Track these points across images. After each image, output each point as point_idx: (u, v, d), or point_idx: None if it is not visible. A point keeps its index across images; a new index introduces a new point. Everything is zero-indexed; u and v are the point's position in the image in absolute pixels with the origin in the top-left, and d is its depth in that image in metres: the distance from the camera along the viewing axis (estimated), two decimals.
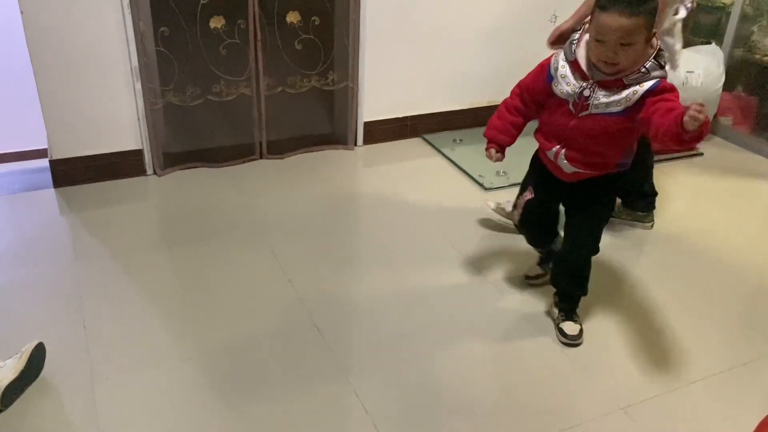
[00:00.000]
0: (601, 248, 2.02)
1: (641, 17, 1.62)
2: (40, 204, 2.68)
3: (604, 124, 1.78)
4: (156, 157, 2.88)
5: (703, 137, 1.62)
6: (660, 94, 1.70)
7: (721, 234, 2.65)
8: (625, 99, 1.73)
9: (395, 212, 2.71)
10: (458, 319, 2.10)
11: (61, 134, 2.71)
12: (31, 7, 2.47)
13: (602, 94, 1.75)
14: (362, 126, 3.24)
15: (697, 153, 3.34)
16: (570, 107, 1.81)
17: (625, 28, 1.62)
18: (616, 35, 1.63)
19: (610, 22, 1.63)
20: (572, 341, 2.00)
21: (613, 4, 1.62)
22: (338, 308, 2.12)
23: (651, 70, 1.70)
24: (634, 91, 1.71)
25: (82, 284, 2.18)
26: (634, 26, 1.62)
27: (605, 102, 1.75)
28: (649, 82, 1.70)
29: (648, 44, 1.69)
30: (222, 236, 2.48)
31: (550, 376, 1.89)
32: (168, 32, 2.72)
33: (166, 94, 2.84)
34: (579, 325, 2.03)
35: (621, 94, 1.73)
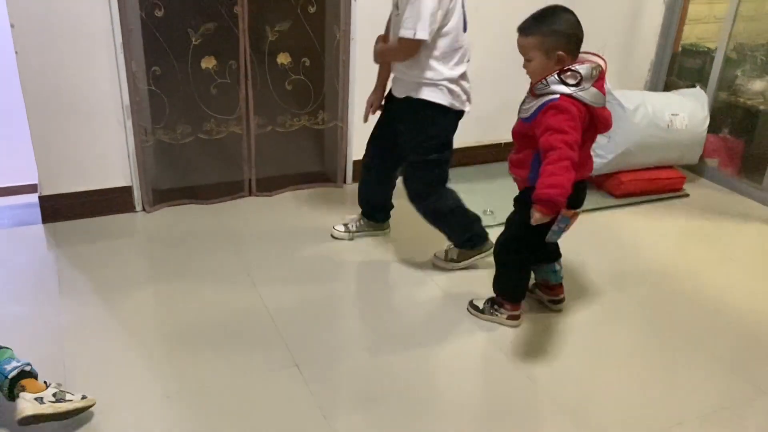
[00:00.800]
0: (582, 287, 2.02)
1: (533, 37, 1.94)
2: (28, 239, 2.70)
3: (518, 127, 2.07)
4: (145, 194, 2.90)
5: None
6: (549, 110, 1.90)
7: (707, 275, 2.66)
8: (531, 107, 1.97)
9: (382, 249, 2.72)
10: (442, 364, 2.10)
11: (51, 170, 2.73)
12: (26, 47, 2.52)
13: (527, 100, 2.02)
14: (351, 164, 3.27)
15: (683, 194, 3.38)
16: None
17: (522, 46, 1.98)
18: (521, 51, 1.99)
19: (517, 41, 2.00)
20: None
21: (518, 28, 1.99)
22: (321, 347, 2.12)
23: (551, 84, 1.91)
24: (537, 102, 1.95)
25: (64, 321, 2.18)
26: (527, 44, 1.95)
27: (524, 107, 2.03)
28: (549, 96, 1.91)
29: (551, 60, 1.92)
30: (207, 273, 2.49)
31: (531, 416, 1.88)
32: (160, 72, 2.77)
33: (156, 132, 2.87)
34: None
35: (531, 103, 1.98)
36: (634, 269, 2.68)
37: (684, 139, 3.30)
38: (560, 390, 1.99)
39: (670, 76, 3.82)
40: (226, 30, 2.80)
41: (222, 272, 2.49)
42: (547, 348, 2.19)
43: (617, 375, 2.08)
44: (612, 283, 2.57)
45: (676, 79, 3.80)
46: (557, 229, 2.03)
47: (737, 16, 3.39)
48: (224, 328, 2.19)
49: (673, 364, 2.13)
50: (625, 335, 2.28)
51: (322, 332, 2.20)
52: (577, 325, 2.30)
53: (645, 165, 3.29)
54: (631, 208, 3.20)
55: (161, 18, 2.69)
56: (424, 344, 2.16)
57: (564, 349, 2.19)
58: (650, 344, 2.23)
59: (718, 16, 3.81)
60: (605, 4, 3.52)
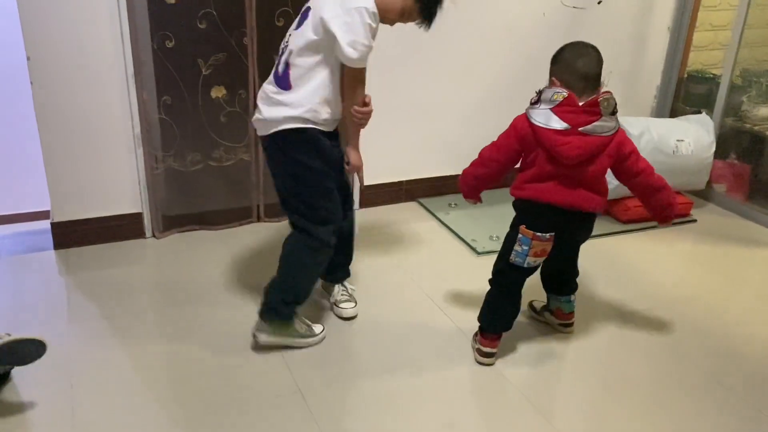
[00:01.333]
0: (590, 313, 2.01)
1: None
2: (40, 266, 2.74)
3: None
4: (155, 220, 2.94)
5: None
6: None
7: (715, 302, 2.65)
8: None
9: (387, 276, 2.73)
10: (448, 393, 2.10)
11: (63, 197, 2.79)
12: (41, 78, 2.59)
13: None
14: (358, 190, 3.31)
15: (690, 219, 3.37)
16: None
17: None
18: None
19: None
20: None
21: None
22: (326, 374, 2.13)
23: (538, 95, 2.03)
24: None
25: (72, 347, 2.20)
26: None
27: None
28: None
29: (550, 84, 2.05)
30: (215, 299, 2.51)
31: None
32: (170, 101, 2.83)
33: (167, 159, 2.92)
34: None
35: None
36: (642, 295, 2.67)
37: (690, 164, 3.31)
38: (567, 420, 1.98)
39: (676, 102, 3.84)
40: (235, 60, 2.86)
41: (231, 298, 2.52)
42: (553, 376, 2.18)
43: (625, 404, 2.06)
44: (619, 309, 2.56)
45: (682, 105, 3.82)
46: (520, 250, 2.06)
47: (742, 43, 3.41)
48: (233, 355, 2.20)
49: (682, 394, 2.11)
50: (632, 363, 2.26)
51: (326, 357, 2.21)
52: (583, 352, 2.29)
53: None
54: (638, 234, 3.20)
55: (172, 49, 2.76)
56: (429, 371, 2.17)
57: (570, 377, 2.18)
58: (659, 372, 2.22)
59: (722, 42, 3.83)
60: (610, 32, 3.56)
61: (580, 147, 1.96)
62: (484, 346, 2.18)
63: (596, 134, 1.98)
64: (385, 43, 3.06)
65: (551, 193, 2.02)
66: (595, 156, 2.00)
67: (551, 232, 2.04)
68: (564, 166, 1.99)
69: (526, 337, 2.34)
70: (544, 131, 1.98)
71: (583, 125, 1.96)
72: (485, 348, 2.18)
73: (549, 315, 2.39)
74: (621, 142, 2.04)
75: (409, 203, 3.43)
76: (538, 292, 2.37)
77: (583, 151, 1.97)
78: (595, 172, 2.03)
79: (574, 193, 2.02)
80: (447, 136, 3.41)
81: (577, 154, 1.96)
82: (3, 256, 2.81)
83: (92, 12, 2.57)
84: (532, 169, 2.04)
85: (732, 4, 3.74)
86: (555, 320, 2.38)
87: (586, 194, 2.04)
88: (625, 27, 3.60)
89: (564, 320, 2.36)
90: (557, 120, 1.96)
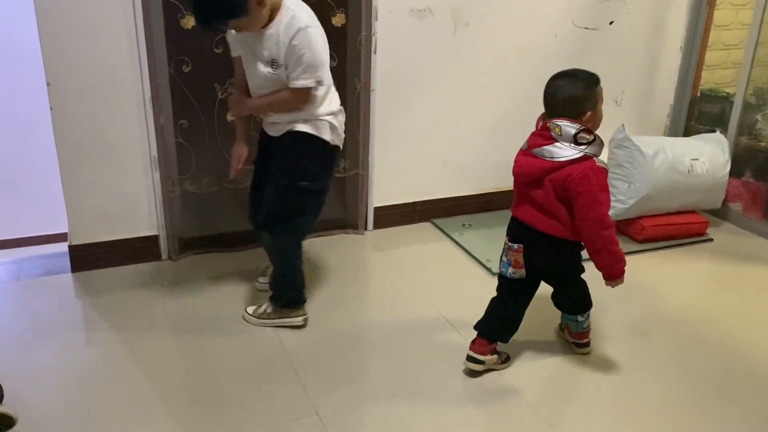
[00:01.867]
0: (606, 333, 1.98)
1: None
2: (57, 289, 2.76)
3: None
4: (171, 243, 2.96)
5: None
6: None
7: (733, 322, 2.62)
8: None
9: (403, 297, 2.73)
10: (463, 411, 2.08)
11: (81, 220, 2.82)
12: (60, 103, 2.63)
13: None
14: (372, 211, 3.32)
15: (707, 239, 3.35)
16: None
17: None
18: None
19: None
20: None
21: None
22: (342, 393, 2.12)
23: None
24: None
25: (89, 370, 2.21)
26: None
27: None
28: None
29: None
30: (229, 322, 2.51)
31: None
32: (187, 124, 2.87)
33: (183, 182, 2.95)
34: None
35: None
36: (659, 315, 2.65)
37: (705, 183, 3.29)
38: None
39: (689, 122, 3.84)
40: None
41: (247, 324, 2.52)
42: (569, 395, 2.17)
43: (641, 425, 2.04)
44: (636, 329, 2.54)
45: (695, 124, 3.81)
46: (505, 260, 2.20)
47: (754, 61, 3.41)
48: (247, 378, 2.20)
49: (698, 413, 2.09)
50: (650, 384, 2.24)
51: (342, 377, 2.20)
52: (601, 372, 2.28)
53: (667, 210, 3.28)
54: (653, 254, 3.18)
55: (188, 73, 2.80)
56: (447, 392, 2.15)
57: (586, 396, 2.16)
58: (676, 393, 2.19)
59: (735, 61, 3.84)
60: (623, 52, 3.58)
61: (522, 166, 2.09)
62: (472, 350, 2.22)
63: (542, 157, 2.03)
64: (399, 65, 3.12)
65: (515, 208, 2.17)
66: (541, 179, 2.04)
67: (519, 243, 2.13)
68: (518, 183, 2.12)
69: (545, 355, 2.33)
70: (522, 156, 2.14)
71: (534, 147, 2.06)
72: (471, 352, 2.22)
73: (567, 333, 2.40)
74: (571, 175, 1.98)
75: (423, 224, 3.44)
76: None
77: (521, 169, 2.09)
78: (542, 196, 2.05)
79: (528, 210, 2.10)
80: (461, 157, 3.43)
81: (517, 171, 2.10)
82: (21, 278, 2.84)
83: (111, 38, 2.62)
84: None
85: (744, 23, 3.76)
86: (570, 339, 2.38)
87: (537, 214, 2.08)
88: (638, 47, 3.62)
89: (575, 339, 2.36)
90: (525, 140, 2.13)
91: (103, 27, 2.60)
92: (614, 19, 3.48)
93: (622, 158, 3.22)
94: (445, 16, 3.14)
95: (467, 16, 3.18)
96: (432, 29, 3.14)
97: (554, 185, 2.02)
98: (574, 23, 3.41)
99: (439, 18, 3.13)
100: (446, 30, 3.17)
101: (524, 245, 2.12)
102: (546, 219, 2.07)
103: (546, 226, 2.07)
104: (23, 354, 2.29)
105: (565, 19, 3.38)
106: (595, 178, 1.98)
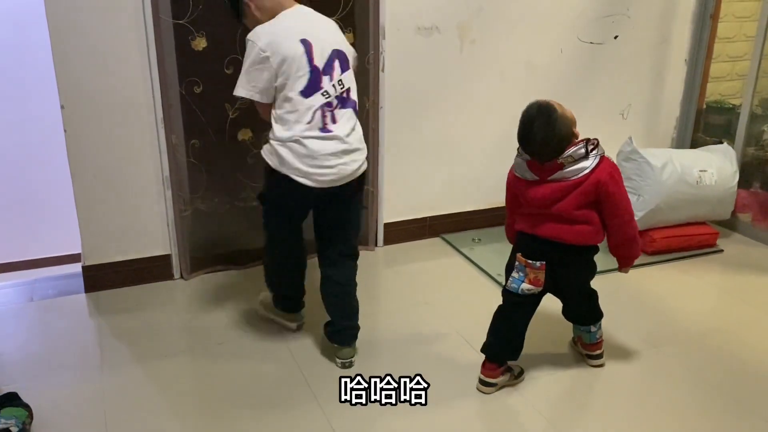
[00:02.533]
0: (618, 346, 1.99)
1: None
2: (71, 309, 2.77)
3: None
4: (183, 262, 2.98)
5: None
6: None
7: (745, 333, 2.61)
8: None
9: (414, 312, 2.74)
10: (478, 426, 2.08)
11: (94, 241, 2.84)
12: (74, 126, 2.66)
13: None
14: (382, 227, 3.33)
15: (717, 250, 3.35)
16: None
17: None
18: None
19: None
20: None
21: None
22: (358, 409, 2.12)
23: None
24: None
25: (105, 390, 2.22)
26: None
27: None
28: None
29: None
30: (244, 339, 2.52)
31: None
32: (198, 144, 2.90)
33: (194, 201, 2.98)
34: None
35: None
36: (670, 327, 2.65)
37: (714, 194, 3.30)
38: None
39: (696, 133, 3.85)
40: None
41: (260, 338, 2.53)
42: (582, 409, 2.16)
43: None
44: (649, 341, 2.54)
45: (702, 135, 3.83)
46: (516, 276, 2.16)
47: (759, 73, 3.43)
48: (262, 396, 2.20)
49: (715, 425, 2.08)
50: (665, 396, 2.23)
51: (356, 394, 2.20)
52: (615, 385, 2.27)
53: (676, 222, 3.29)
54: (664, 265, 3.18)
55: (200, 94, 2.83)
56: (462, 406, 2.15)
57: (604, 411, 2.15)
58: (691, 404, 2.18)
59: (739, 73, 3.86)
60: (628, 66, 3.60)
61: (543, 194, 2.08)
62: (483, 374, 2.21)
63: (564, 180, 2.05)
64: (407, 82, 3.15)
65: (531, 227, 2.14)
66: (565, 195, 2.06)
67: (542, 261, 2.11)
68: (536, 207, 2.11)
69: (558, 369, 2.33)
70: (516, 180, 2.17)
71: (552, 174, 2.06)
72: (483, 376, 2.21)
73: (579, 345, 2.40)
74: (600, 179, 2.03)
75: (433, 239, 3.45)
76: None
77: (544, 198, 2.08)
78: (568, 207, 2.06)
79: (552, 227, 2.10)
80: (470, 172, 3.45)
81: (538, 198, 2.09)
82: (35, 299, 2.85)
83: (123, 61, 2.66)
84: (522, 206, 2.20)
85: (748, 35, 3.79)
86: (582, 351, 2.39)
87: (564, 227, 2.09)
88: (643, 60, 3.64)
89: (588, 350, 2.37)
90: (520, 165, 2.14)
91: (116, 50, 2.64)
92: (619, 33, 3.51)
93: (631, 171, 3.24)
94: (452, 33, 3.18)
95: (473, 33, 3.21)
96: (439, 47, 3.17)
97: (583, 194, 2.05)
98: (579, 38, 3.44)
99: (446, 36, 3.17)
100: (453, 47, 3.20)
101: (548, 261, 2.11)
102: (574, 228, 2.08)
103: (574, 235, 2.09)
104: (38, 375, 2.31)
105: (571, 35, 3.42)
106: (617, 174, 2.08)
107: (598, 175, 2.03)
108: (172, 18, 2.69)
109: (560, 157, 2.02)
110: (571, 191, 2.04)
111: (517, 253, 2.18)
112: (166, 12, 2.67)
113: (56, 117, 2.64)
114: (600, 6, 3.42)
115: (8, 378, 2.27)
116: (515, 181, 2.18)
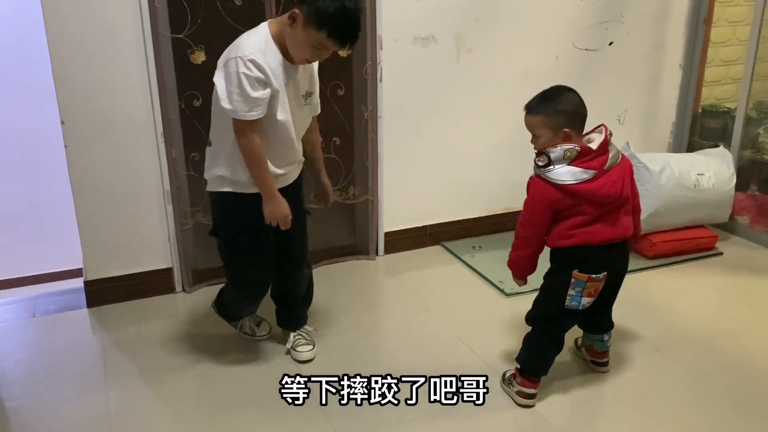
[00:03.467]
0: (621, 350, 1.99)
1: (540, 116, 2.08)
2: (74, 324, 2.77)
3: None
4: (185, 275, 2.98)
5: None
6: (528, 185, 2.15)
7: (746, 336, 2.62)
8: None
9: (416, 320, 2.74)
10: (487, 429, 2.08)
11: (96, 256, 2.84)
12: (74, 141, 2.67)
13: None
14: (383, 236, 3.34)
15: (716, 252, 3.36)
16: None
17: (529, 124, 2.12)
18: (528, 129, 2.12)
19: (524, 119, 2.14)
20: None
21: (526, 107, 2.14)
22: (363, 421, 2.12)
23: (548, 158, 2.04)
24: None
25: (110, 404, 2.22)
26: (534, 122, 2.09)
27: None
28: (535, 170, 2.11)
29: (558, 137, 2.05)
30: (245, 351, 2.52)
31: None
32: (198, 157, 2.90)
33: (195, 214, 2.98)
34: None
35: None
36: (673, 330, 2.65)
37: (712, 197, 3.32)
38: None
39: (692, 137, 3.88)
40: None
41: (263, 349, 2.53)
42: (592, 416, 2.16)
43: None
44: (652, 345, 2.54)
45: (698, 139, 3.85)
46: (574, 293, 2.10)
47: (754, 76, 3.46)
48: (267, 407, 2.20)
49: (720, 427, 2.08)
50: (666, 399, 2.24)
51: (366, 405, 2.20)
52: (621, 389, 2.28)
53: (675, 225, 3.31)
54: (664, 269, 3.19)
55: (199, 107, 2.84)
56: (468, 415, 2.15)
57: (612, 415, 2.16)
58: (695, 407, 2.19)
59: (734, 77, 3.89)
60: (623, 71, 3.63)
61: (613, 184, 2.04)
62: (527, 387, 2.18)
63: (616, 165, 2.08)
64: (405, 92, 3.17)
65: (602, 233, 2.08)
66: (623, 179, 2.10)
67: (604, 272, 2.10)
68: (607, 204, 2.06)
69: (563, 376, 2.33)
70: (577, 186, 2.01)
71: (605, 164, 2.04)
72: (528, 389, 2.18)
73: (585, 351, 2.41)
74: (629, 164, 2.15)
75: (433, 247, 3.46)
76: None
77: (613, 188, 2.04)
78: (629, 195, 2.13)
79: (620, 223, 2.11)
80: (470, 179, 3.46)
81: (613, 193, 2.04)
82: (37, 315, 2.85)
83: (123, 76, 2.67)
84: (576, 218, 2.06)
85: (741, 39, 3.82)
86: (588, 357, 2.39)
87: (628, 218, 2.14)
88: (638, 66, 3.67)
89: (596, 358, 2.37)
90: (582, 171, 2.01)
91: (116, 65, 2.65)
92: (614, 39, 3.54)
93: None
94: (449, 43, 3.20)
95: (470, 42, 3.24)
96: (436, 56, 3.20)
97: (630, 177, 2.13)
98: (575, 45, 3.47)
99: (443, 45, 3.19)
100: (450, 56, 3.23)
101: (609, 268, 2.11)
102: (631, 219, 2.17)
103: (629, 228, 2.15)
104: (42, 391, 2.30)
105: (566, 42, 3.44)
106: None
107: (626, 159, 2.12)
108: (171, 32, 2.71)
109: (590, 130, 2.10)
110: (626, 175, 2.10)
111: (572, 270, 2.08)
112: (164, 26, 2.69)
113: (57, 132, 2.65)
114: (594, 13, 3.45)
115: (12, 394, 2.27)
116: (565, 194, 2.03)
